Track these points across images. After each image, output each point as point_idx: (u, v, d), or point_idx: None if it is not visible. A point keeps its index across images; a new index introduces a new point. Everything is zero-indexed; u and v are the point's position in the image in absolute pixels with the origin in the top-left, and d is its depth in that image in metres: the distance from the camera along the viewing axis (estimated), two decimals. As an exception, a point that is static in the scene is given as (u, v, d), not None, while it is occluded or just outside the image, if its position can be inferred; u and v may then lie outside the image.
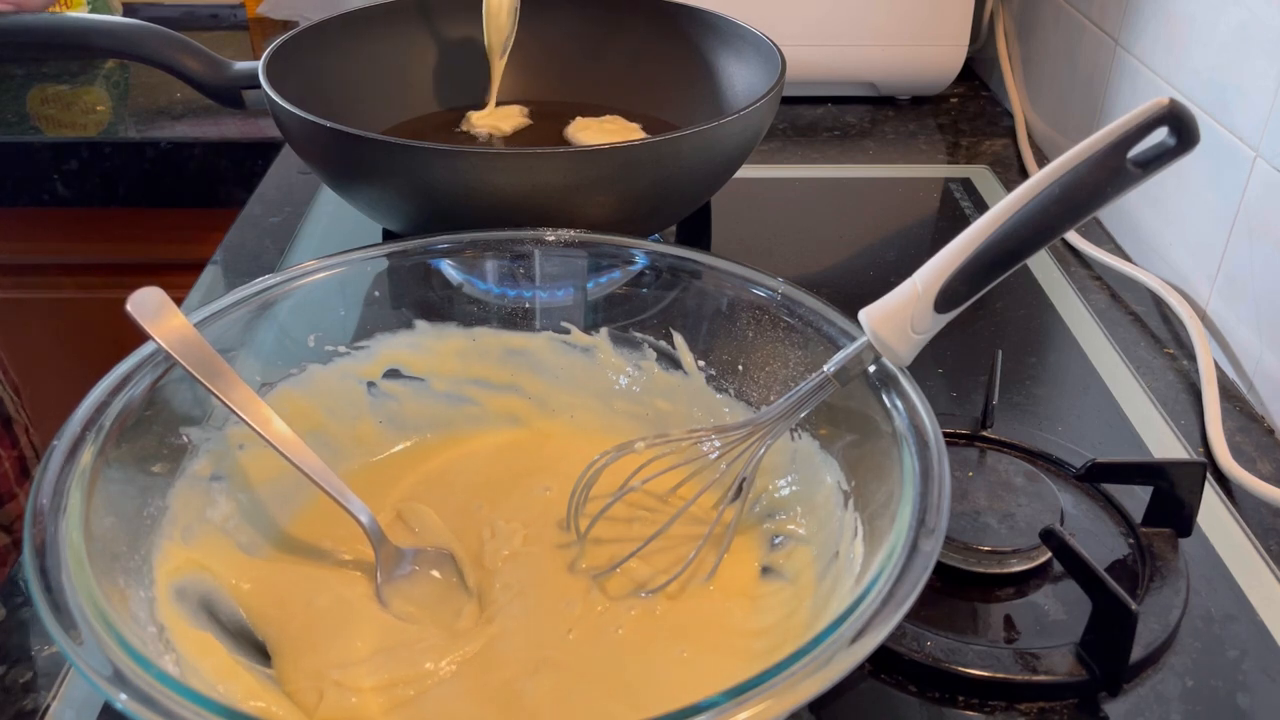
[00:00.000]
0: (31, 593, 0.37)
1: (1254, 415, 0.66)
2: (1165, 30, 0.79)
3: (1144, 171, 0.42)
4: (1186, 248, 0.76)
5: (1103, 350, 0.72)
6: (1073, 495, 0.57)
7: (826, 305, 0.53)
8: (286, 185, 0.92)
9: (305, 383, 0.55)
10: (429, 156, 0.63)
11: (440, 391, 0.59)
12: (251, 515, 0.52)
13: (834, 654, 0.35)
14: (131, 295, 0.48)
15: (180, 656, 0.41)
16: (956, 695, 0.48)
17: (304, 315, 0.55)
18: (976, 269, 0.45)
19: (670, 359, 0.58)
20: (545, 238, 0.59)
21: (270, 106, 0.69)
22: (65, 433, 0.43)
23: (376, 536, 0.50)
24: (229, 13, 1.32)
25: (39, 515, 0.40)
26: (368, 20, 0.85)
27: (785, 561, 0.50)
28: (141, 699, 0.33)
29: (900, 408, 0.46)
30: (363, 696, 0.44)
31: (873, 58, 1.06)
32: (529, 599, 0.49)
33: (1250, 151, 0.68)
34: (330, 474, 0.49)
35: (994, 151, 1.01)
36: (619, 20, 0.89)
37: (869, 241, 0.87)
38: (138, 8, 1.32)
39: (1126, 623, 0.46)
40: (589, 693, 0.45)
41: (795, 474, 0.53)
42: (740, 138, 0.70)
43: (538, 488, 0.55)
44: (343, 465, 0.56)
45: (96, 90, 1.15)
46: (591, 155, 0.64)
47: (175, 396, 0.49)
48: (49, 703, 0.48)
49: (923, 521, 0.40)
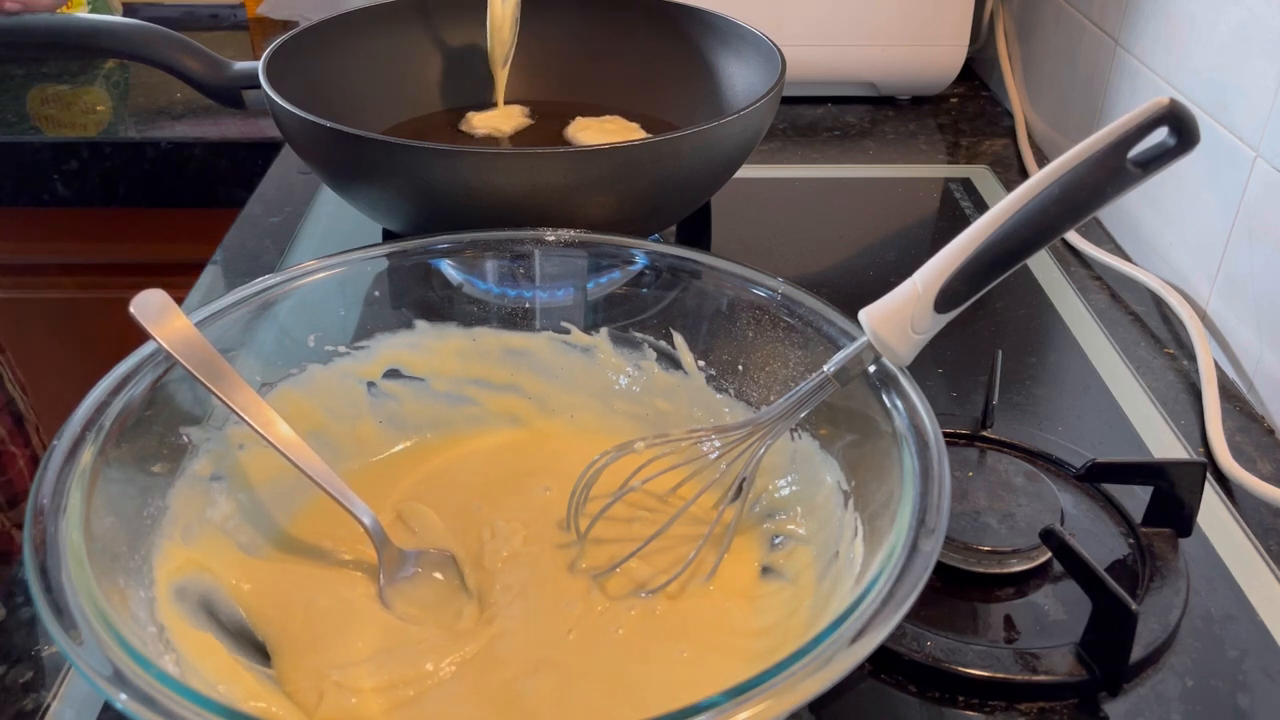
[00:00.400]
0: (31, 593, 0.37)
1: (1254, 415, 0.66)
2: (1165, 30, 0.79)
3: (1144, 172, 0.42)
4: (1186, 248, 0.76)
5: (1103, 350, 0.72)
6: (1073, 495, 0.57)
7: (826, 305, 0.53)
8: (286, 185, 0.92)
9: (305, 383, 0.55)
10: (429, 156, 0.63)
11: (440, 391, 0.59)
12: (251, 515, 0.52)
13: (834, 654, 0.35)
14: (135, 297, 0.48)
15: (180, 656, 0.41)
16: (956, 695, 0.48)
17: (304, 315, 0.55)
18: (976, 269, 0.45)
19: (670, 359, 0.58)
20: (545, 238, 0.59)
21: (270, 106, 0.69)
22: (65, 433, 0.43)
23: (380, 539, 0.50)
24: (229, 13, 1.32)
25: (39, 515, 0.40)
26: (368, 20, 0.85)
27: (785, 561, 0.50)
28: (141, 699, 0.33)
29: (900, 408, 0.46)
30: (363, 697, 0.44)
31: (873, 58, 1.06)
32: (529, 599, 0.49)
33: (1250, 151, 0.68)
34: (334, 477, 0.49)
35: (994, 151, 1.01)
36: (619, 20, 0.89)
37: (869, 241, 0.87)
38: (138, 8, 1.32)
39: (1126, 623, 0.46)
40: (589, 693, 0.45)
41: (795, 474, 0.53)
42: (740, 138, 0.70)
43: (538, 488, 0.55)
44: (343, 465, 0.56)
45: (96, 90, 1.15)
46: (591, 155, 0.64)
47: (175, 396, 0.49)
48: (49, 703, 0.48)
49: (923, 521, 0.40)
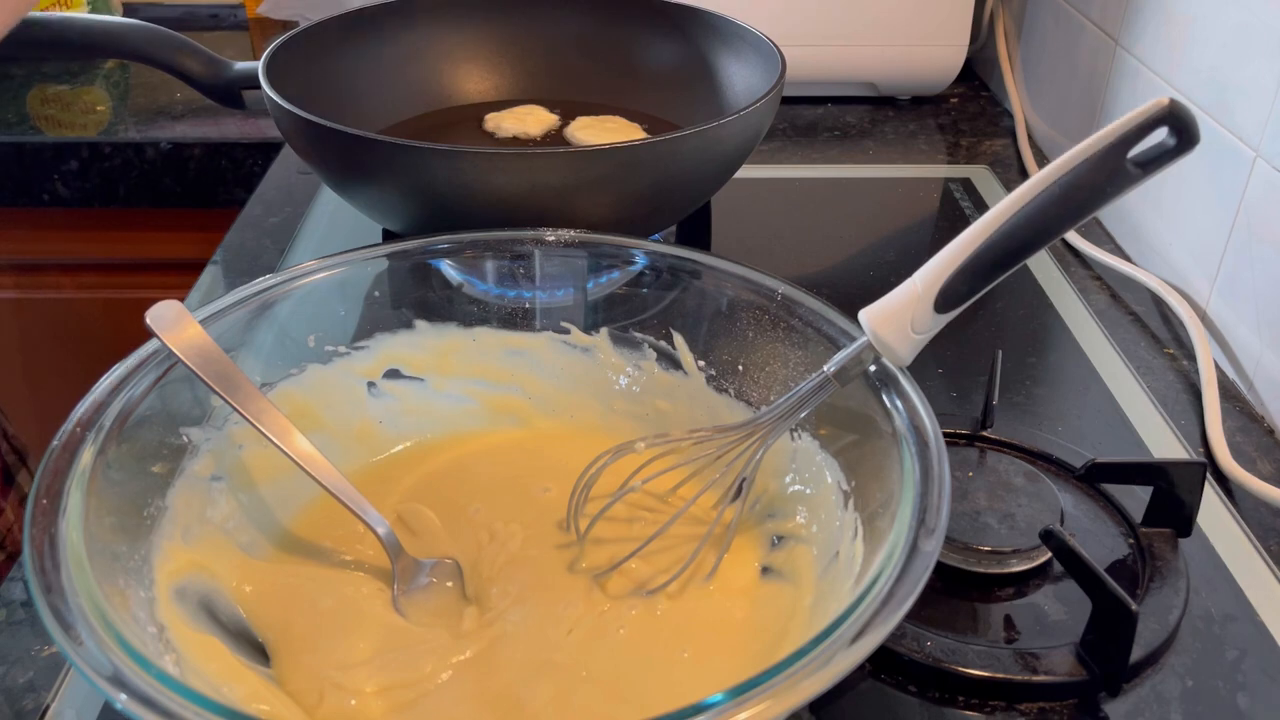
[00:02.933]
0: (31, 593, 0.37)
1: (1254, 415, 0.66)
2: (1165, 30, 0.79)
3: (1144, 172, 0.42)
4: (1186, 248, 0.76)
5: (1103, 350, 0.72)
6: (1073, 495, 0.57)
7: (826, 305, 0.53)
8: (286, 185, 0.92)
9: (305, 382, 0.55)
10: (429, 156, 0.63)
11: (440, 391, 0.59)
12: (252, 515, 0.52)
13: (834, 654, 0.35)
14: (150, 310, 0.48)
15: (181, 656, 0.41)
16: (956, 695, 0.48)
17: (304, 315, 0.55)
18: (977, 269, 0.45)
19: (670, 359, 0.58)
20: (545, 238, 0.59)
21: (270, 106, 0.69)
22: (65, 433, 0.43)
23: (395, 550, 0.49)
24: (229, 13, 1.32)
25: (39, 515, 0.40)
26: (368, 20, 0.85)
27: (785, 562, 0.50)
28: (141, 699, 0.33)
29: (900, 408, 0.46)
30: (363, 699, 0.44)
31: (873, 58, 1.06)
32: (529, 601, 0.49)
33: (1250, 151, 0.68)
34: (348, 486, 0.49)
35: (994, 151, 1.01)
36: (619, 20, 0.89)
37: (869, 241, 0.87)
38: (138, 8, 1.32)
39: (1126, 623, 0.46)
40: (589, 694, 0.45)
41: (795, 474, 0.53)
42: (740, 138, 0.70)
43: (538, 488, 0.55)
44: (343, 465, 0.55)
45: (96, 90, 1.15)
46: (591, 155, 0.64)
47: (175, 396, 0.49)
48: (49, 703, 0.48)
49: (923, 521, 0.40)
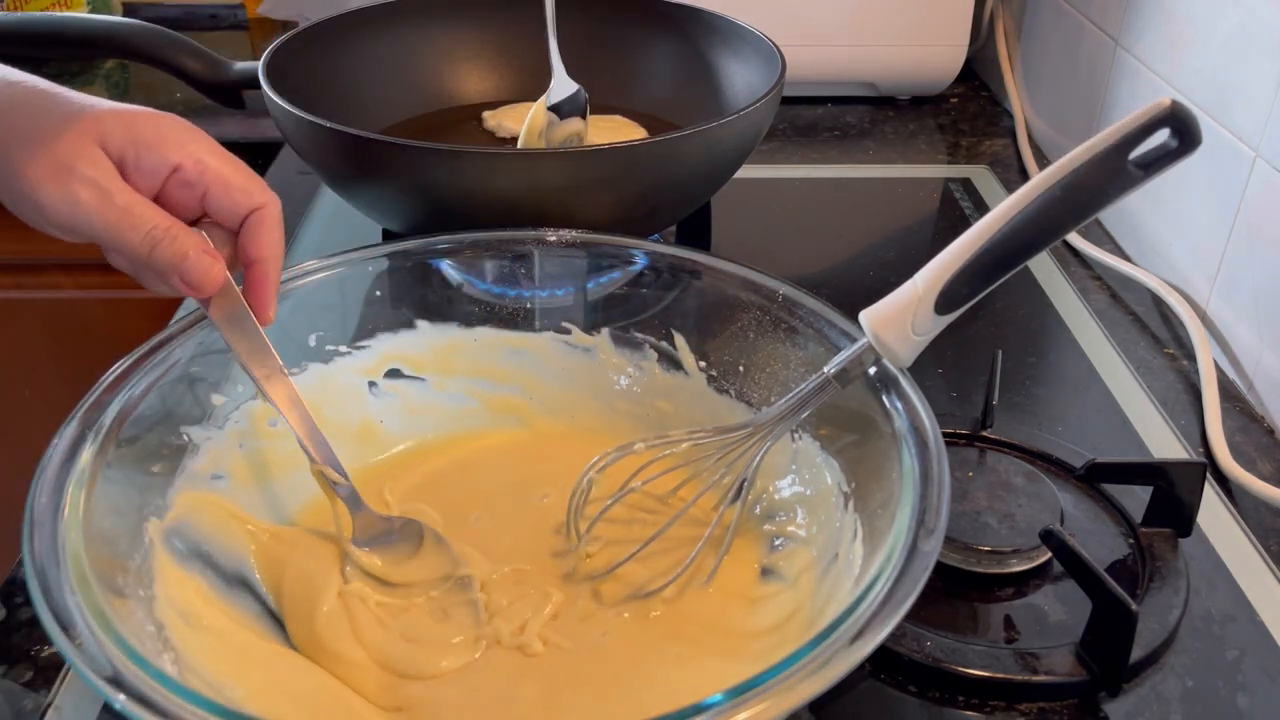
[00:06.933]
0: (31, 593, 0.37)
1: (1254, 415, 0.66)
2: (1165, 30, 0.79)
3: (1145, 173, 0.42)
4: (1186, 248, 0.76)
5: (1103, 350, 0.72)
6: (1073, 495, 0.57)
7: (827, 306, 0.53)
8: (286, 185, 0.92)
9: (306, 382, 0.55)
10: (429, 156, 0.63)
11: (441, 391, 0.59)
12: (253, 512, 0.51)
13: (834, 654, 0.35)
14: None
15: (179, 656, 0.41)
16: (956, 695, 0.48)
17: (305, 315, 0.55)
18: (977, 271, 0.45)
19: (671, 359, 0.58)
20: (545, 238, 0.59)
21: (270, 106, 0.69)
22: (65, 433, 0.43)
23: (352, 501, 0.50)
24: (229, 13, 1.32)
25: (39, 515, 0.40)
26: (368, 20, 0.85)
27: (785, 563, 0.50)
28: (140, 699, 0.33)
29: (900, 408, 0.46)
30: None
31: (873, 58, 1.06)
32: (527, 604, 0.49)
33: (1250, 151, 0.68)
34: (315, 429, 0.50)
35: (994, 151, 1.01)
36: (619, 20, 0.89)
37: (869, 241, 0.87)
38: (138, 8, 1.31)
39: (1126, 623, 0.46)
40: (588, 696, 0.45)
41: (795, 475, 0.53)
42: (740, 138, 0.70)
43: (536, 488, 0.55)
44: (344, 464, 0.56)
45: (96, 90, 1.15)
46: (591, 155, 0.64)
47: (175, 395, 0.49)
48: (49, 703, 0.48)
49: (922, 522, 0.40)
